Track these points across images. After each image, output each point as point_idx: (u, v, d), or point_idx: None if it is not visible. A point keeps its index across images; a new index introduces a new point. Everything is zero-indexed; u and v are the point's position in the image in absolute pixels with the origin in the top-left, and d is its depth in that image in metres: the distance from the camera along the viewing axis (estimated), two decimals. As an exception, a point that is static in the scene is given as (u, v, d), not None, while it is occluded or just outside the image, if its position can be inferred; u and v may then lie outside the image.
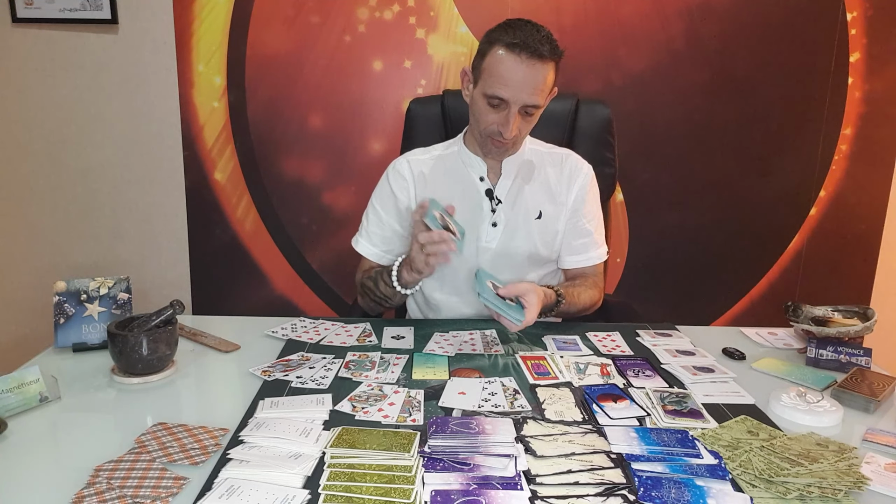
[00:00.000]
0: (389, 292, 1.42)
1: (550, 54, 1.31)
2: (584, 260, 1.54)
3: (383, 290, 1.43)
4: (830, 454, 0.91)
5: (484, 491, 0.81)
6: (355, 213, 1.59)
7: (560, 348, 1.31)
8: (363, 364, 1.21)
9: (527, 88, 1.31)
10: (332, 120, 2.34)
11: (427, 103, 1.75)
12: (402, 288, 1.40)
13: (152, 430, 0.97)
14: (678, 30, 2.30)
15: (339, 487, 0.81)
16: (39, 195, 2.39)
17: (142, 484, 0.84)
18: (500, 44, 1.31)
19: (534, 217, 1.49)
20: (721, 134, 2.39)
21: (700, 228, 2.47)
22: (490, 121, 1.37)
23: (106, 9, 2.22)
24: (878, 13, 2.31)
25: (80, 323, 1.27)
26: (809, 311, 1.40)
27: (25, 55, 2.27)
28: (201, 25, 2.27)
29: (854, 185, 2.44)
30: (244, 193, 2.40)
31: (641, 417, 1.03)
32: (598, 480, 0.84)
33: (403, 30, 2.28)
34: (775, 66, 2.33)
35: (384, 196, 1.53)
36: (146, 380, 1.14)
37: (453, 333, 1.38)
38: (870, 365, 1.24)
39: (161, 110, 2.32)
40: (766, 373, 1.23)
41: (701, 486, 0.83)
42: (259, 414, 1.01)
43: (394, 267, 1.40)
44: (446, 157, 1.53)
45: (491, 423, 0.96)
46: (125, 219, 2.41)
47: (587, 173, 1.53)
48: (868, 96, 2.37)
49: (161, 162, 2.37)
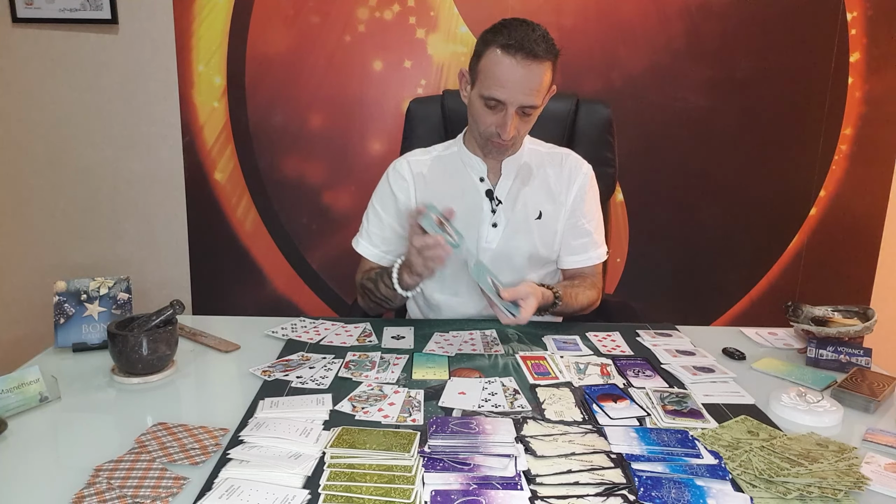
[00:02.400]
0: (390, 294, 1.42)
1: (546, 54, 1.30)
2: (583, 260, 1.54)
3: (384, 291, 1.43)
4: (830, 454, 0.91)
5: (484, 491, 0.81)
6: (355, 213, 1.59)
7: (560, 348, 1.31)
8: (363, 364, 1.21)
9: (523, 89, 1.30)
10: (332, 120, 2.34)
11: (427, 103, 1.74)
12: (402, 290, 1.40)
13: (152, 430, 0.97)
14: (678, 30, 2.30)
15: (339, 487, 0.81)
16: (39, 195, 2.39)
17: (142, 484, 0.84)
18: (495, 45, 1.30)
19: (534, 217, 1.49)
20: (721, 134, 2.39)
21: (700, 228, 2.47)
22: (488, 122, 1.36)
23: (106, 9, 2.22)
24: (878, 13, 2.31)
25: (80, 323, 1.27)
26: (809, 311, 1.40)
27: (25, 55, 2.27)
28: (201, 25, 2.27)
29: (854, 185, 2.44)
30: (244, 193, 2.40)
31: (641, 417, 1.03)
32: (598, 480, 0.84)
33: (403, 30, 2.28)
34: (775, 66, 2.34)
35: (384, 196, 1.53)
36: (146, 380, 1.14)
37: (453, 333, 1.38)
38: (870, 365, 1.24)
39: (161, 110, 2.33)
40: (766, 373, 1.23)
41: (701, 486, 0.83)
42: (259, 414, 1.01)
43: (394, 269, 1.40)
44: (446, 157, 1.53)
45: (491, 423, 0.96)
46: (125, 219, 2.41)
47: (587, 173, 1.53)
48: (868, 96, 2.37)
49: (161, 162, 2.37)
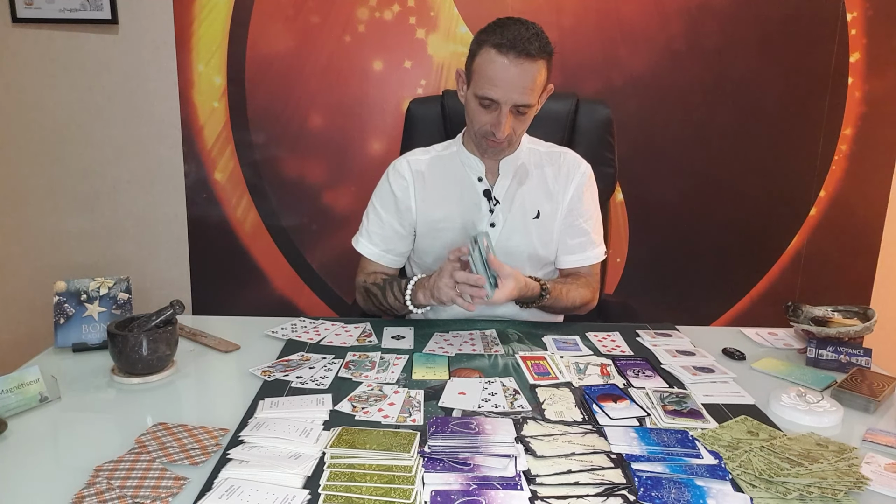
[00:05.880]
0: (398, 306, 1.42)
1: (539, 52, 1.29)
2: (580, 259, 1.53)
3: (391, 301, 1.43)
4: (830, 454, 0.91)
5: (484, 491, 0.81)
6: (355, 213, 1.59)
7: (560, 348, 1.31)
8: (363, 364, 1.21)
9: (517, 88, 1.30)
10: (332, 120, 2.34)
11: (427, 103, 1.74)
12: (414, 308, 1.40)
13: (152, 430, 0.97)
14: (678, 30, 2.30)
15: (339, 487, 0.81)
16: (39, 195, 2.39)
17: (142, 484, 0.84)
18: (488, 44, 1.30)
19: (532, 217, 1.49)
20: (721, 134, 2.39)
21: (700, 228, 2.46)
22: (483, 121, 1.36)
23: (106, 9, 2.22)
24: (878, 13, 2.31)
25: (80, 323, 1.27)
26: (809, 311, 1.40)
27: (25, 55, 2.27)
28: (201, 25, 2.27)
29: (854, 185, 2.44)
30: (244, 193, 2.40)
31: (641, 417, 1.03)
32: (598, 480, 0.84)
33: (403, 30, 2.28)
34: (775, 66, 2.33)
35: (384, 196, 1.53)
36: (146, 380, 1.14)
37: (453, 333, 1.38)
38: (870, 365, 1.24)
39: (161, 110, 2.32)
40: (766, 373, 1.23)
41: (701, 487, 0.83)
42: (259, 414, 1.01)
43: (409, 285, 1.39)
44: (445, 157, 1.53)
45: (491, 424, 0.96)
46: (125, 219, 2.41)
47: (584, 171, 1.52)
48: (868, 96, 2.37)
49: (161, 162, 2.36)
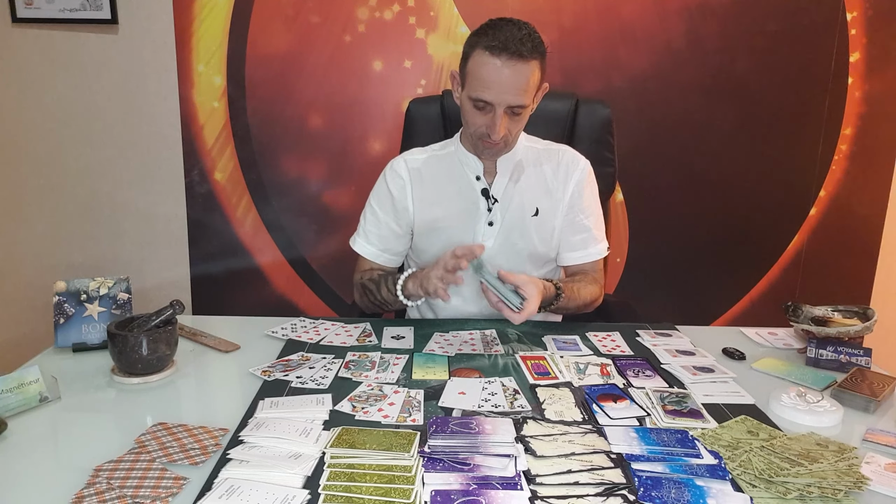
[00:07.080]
0: (390, 299, 1.43)
1: (532, 52, 1.29)
2: (583, 256, 1.53)
3: (385, 295, 1.44)
4: (830, 454, 0.91)
5: (484, 491, 0.81)
6: (355, 213, 1.59)
7: (560, 348, 1.31)
8: (363, 364, 1.21)
9: (510, 90, 1.30)
10: (332, 120, 2.34)
11: (427, 103, 1.74)
12: (404, 298, 1.41)
13: (152, 430, 0.97)
14: (678, 30, 2.30)
15: (339, 487, 0.81)
16: (39, 195, 2.39)
17: (142, 484, 0.84)
18: (480, 46, 1.30)
19: (530, 215, 1.49)
20: (721, 134, 2.39)
21: (700, 229, 2.46)
22: (478, 123, 1.37)
23: (106, 9, 2.22)
24: (878, 13, 2.31)
25: (80, 323, 1.27)
26: (809, 311, 1.40)
27: (25, 55, 2.27)
28: (201, 25, 2.27)
29: (854, 185, 2.44)
30: (244, 193, 2.39)
31: (641, 417, 1.03)
32: (598, 480, 0.84)
33: (403, 30, 2.28)
34: (775, 65, 2.33)
35: (381, 195, 1.53)
36: (146, 380, 1.14)
37: (453, 333, 1.38)
38: (870, 365, 1.24)
39: (161, 110, 2.32)
40: (766, 373, 1.23)
41: (701, 486, 0.83)
42: (259, 414, 1.01)
43: (399, 280, 1.41)
44: (443, 156, 1.53)
45: (491, 423, 0.96)
46: (125, 219, 2.41)
47: (584, 168, 1.52)
48: (868, 96, 2.37)
49: (161, 162, 2.36)
